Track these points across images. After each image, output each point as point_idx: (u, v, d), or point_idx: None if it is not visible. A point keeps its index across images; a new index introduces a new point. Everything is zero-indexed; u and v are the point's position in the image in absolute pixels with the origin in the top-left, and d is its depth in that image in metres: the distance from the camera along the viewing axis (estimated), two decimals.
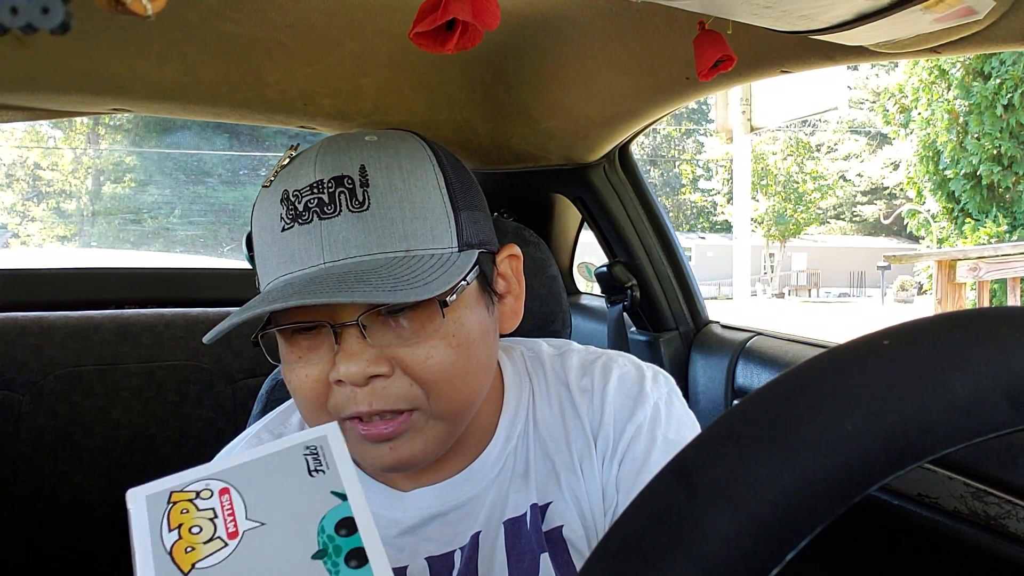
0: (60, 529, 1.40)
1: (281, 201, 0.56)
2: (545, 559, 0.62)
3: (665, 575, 0.22)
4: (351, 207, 0.54)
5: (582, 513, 0.64)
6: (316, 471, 0.38)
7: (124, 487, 0.37)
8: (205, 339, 0.56)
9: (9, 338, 1.38)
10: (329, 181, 0.55)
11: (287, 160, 0.60)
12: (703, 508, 0.23)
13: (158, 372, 1.46)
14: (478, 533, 0.63)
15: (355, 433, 0.56)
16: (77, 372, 1.41)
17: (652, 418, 0.65)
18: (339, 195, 0.55)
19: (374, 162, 0.56)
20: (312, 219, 0.55)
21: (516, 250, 0.66)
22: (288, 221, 0.55)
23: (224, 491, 0.37)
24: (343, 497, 0.37)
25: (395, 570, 0.61)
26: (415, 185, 0.57)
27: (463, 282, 0.57)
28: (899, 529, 0.92)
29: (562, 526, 0.63)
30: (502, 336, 0.67)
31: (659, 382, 0.68)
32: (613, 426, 0.65)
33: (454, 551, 0.62)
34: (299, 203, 0.55)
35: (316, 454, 0.39)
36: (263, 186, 0.60)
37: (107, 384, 1.43)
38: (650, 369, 0.70)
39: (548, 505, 0.64)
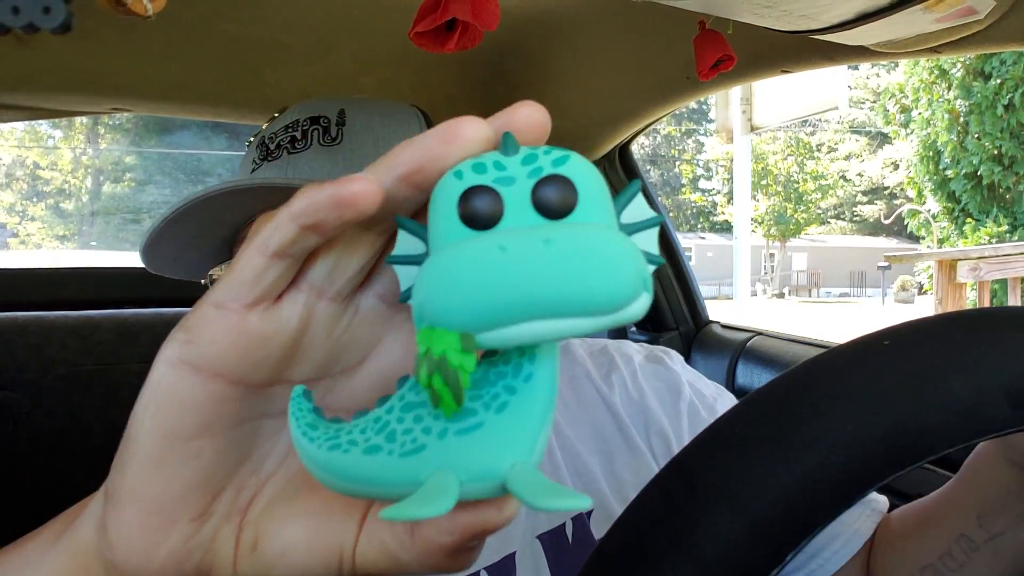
0: None
1: (257, 147, 0.54)
2: None
3: (665, 575, 0.22)
4: (322, 141, 0.52)
5: None
6: None
7: None
8: (142, 254, 0.52)
9: (8, 338, 1.38)
10: (305, 120, 0.53)
11: (275, 116, 0.58)
12: (703, 508, 0.23)
13: None
14: (513, 554, 0.56)
15: None
16: (77, 372, 1.41)
17: (696, 394, 0.61)
18: (312, 132, 0.52)
19: (355, 107, 0.54)
20: (281, 155, 0.52)
21: None
22: (258, 162, 0.53)
23: None
24: None
25: None
26: (395, 130, 0.53)
27: None
28: None
29: None
30: None
31: (674, 358, 0.65)
32: (661, 411, 0.60)
33: (478, 572, 0.55)
34: (272, 144, 0.53)
35: None
36: (246, 143, 0.58)
37: (107, 384, 1.43)
38: (658, 348, 0.67)
39: (591, 513, 0.56)
